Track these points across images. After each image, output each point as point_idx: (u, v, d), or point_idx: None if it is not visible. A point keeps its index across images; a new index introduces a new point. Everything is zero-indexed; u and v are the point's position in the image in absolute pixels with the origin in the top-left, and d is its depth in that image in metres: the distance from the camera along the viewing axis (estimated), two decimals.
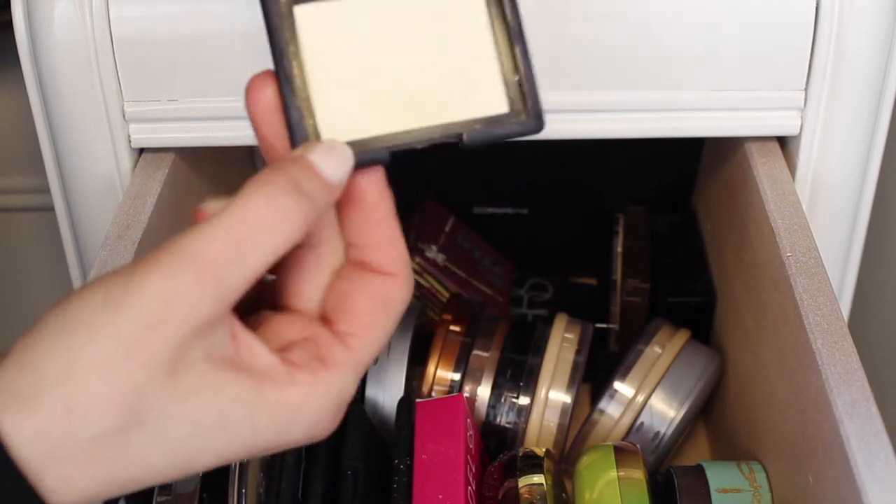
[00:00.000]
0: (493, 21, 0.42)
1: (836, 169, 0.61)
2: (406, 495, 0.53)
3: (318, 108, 0.40)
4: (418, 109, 0.41)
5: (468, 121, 0.42)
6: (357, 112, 0.41)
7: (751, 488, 0.56)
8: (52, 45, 0.56)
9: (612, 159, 0.79)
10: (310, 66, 0.40)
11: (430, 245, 0.78)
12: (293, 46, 0.40)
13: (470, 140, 0.42)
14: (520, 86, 0.42)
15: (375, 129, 0.41)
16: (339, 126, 0.40)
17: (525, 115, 0.42)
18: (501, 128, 0.42)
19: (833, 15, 0.57)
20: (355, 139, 0.40)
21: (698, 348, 0.67)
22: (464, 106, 0.42)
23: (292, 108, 0.40)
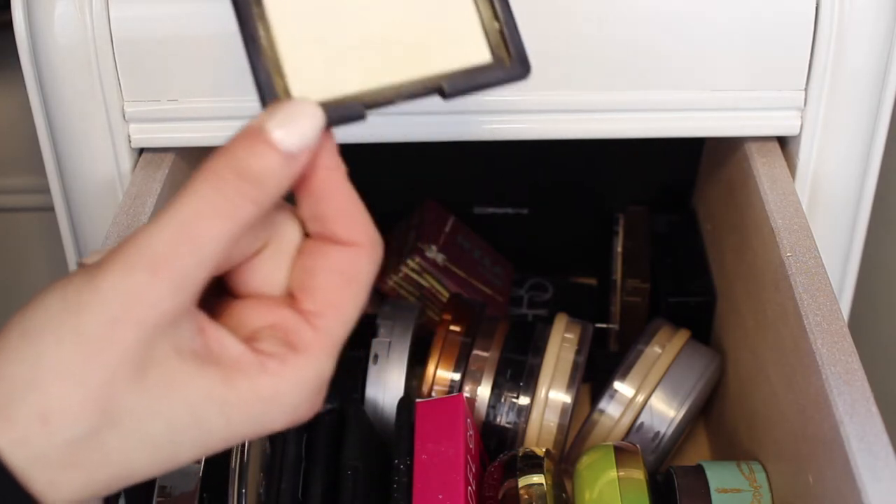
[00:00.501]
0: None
1: (836, 169, 0.61)
2: (406, 495, 0.53)
3: (287, 67, 0.38)
4: (396, 64, 0.39)
5: (450, 72, 0.40)
6: (330, 70, 0.39)
7: (751, 488, 0.56)
8: (52, 45, 0.56)
9: (612, 159, 0.79)
10: (277, 24, 0.38)
11: (430, 245, 0.78)
12: (258, 9, 0.38)
13: (451, 89, 0.39)
14: (501, 34, 0.40)
15: (351, 86, 0.39)
16: (312, 85, 0.38)
17: (508, 63, 0.40)
18: (483, 76, 0.40)
19: (833, 15, 0.57)
20: (329, 98, 0.38)
21: (698, 348, 0.67)
22: (444, 58, 0.40)
23: (259, 68, 0.38)
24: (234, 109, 0.58)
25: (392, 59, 0.39)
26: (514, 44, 0.40)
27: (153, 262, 0.34)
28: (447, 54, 0.40)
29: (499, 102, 0.58)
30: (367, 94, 0.38)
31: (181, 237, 0.34)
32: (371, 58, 0.39)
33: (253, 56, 0.38)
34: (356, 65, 0.39)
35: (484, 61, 0.40)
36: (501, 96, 0.58)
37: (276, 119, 0.36)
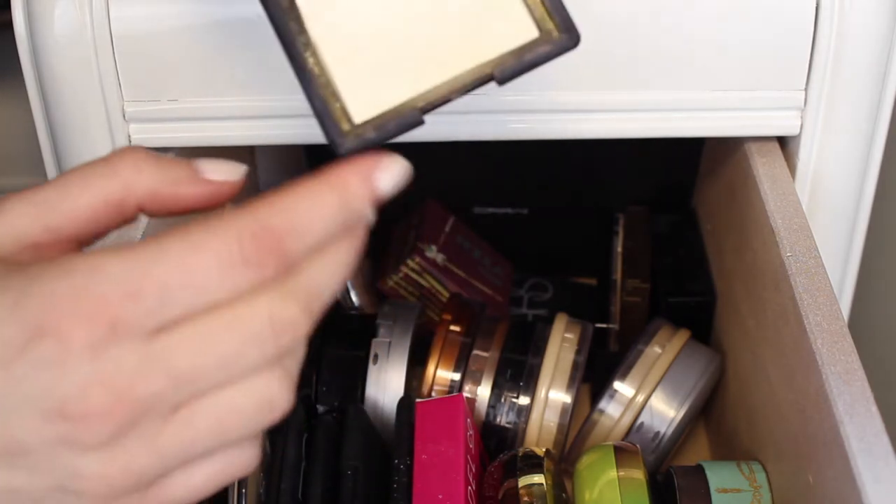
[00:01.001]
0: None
1: (836, 169, 0.61)
2: (406, 495, 0.53)
3: (341, 89, 0.39)
4: (444, 60, 0.40)
5: (498, 57, 0.40)
6: (381, 81, 0.39)
7: (751, 488, 0.56)
8: (52, 45, 0.56)
9: (612, 159, 0.79)
10: (324, 49, 0.39)
11: (430, 245, 0.78)
12: (303, 36, 0.39)
13: (502, 76, 0.40)
14: (544, 5, 0.40)
15: (404, 93, 0.39)
16: (367, 102, 0.39)
17: (556, 33, 0.40)
18: (532, 54, 0.40)
19: (833, 15, 0.57)
20: (386, 110, 0.39)
21: (698, 348, 0.67)
22: (491, 43, 0.40)
23: (314, 98, 0.39)
24: (234, 109, 0.58)
25: (439, 57, 0.39)
26: (558, 13, 0.40)
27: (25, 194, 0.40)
28: (493, 38, 0.40)
29: (499, 102, 0.58)
30: (420, 97, 0.39)
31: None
32: (418, 60, 0.39)
33: (306, 85, 0.39)
34: (405, 70, 0.39)
35: (531, 38, 0.40)
36: (501, 96, 0.58)
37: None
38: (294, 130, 0.58)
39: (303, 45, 0.39)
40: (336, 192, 0.37)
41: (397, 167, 0.38)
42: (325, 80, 0.39)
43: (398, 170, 0.38)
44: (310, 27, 0.39)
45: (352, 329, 0.66)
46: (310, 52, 0.39)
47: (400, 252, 0.78)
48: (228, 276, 0.35)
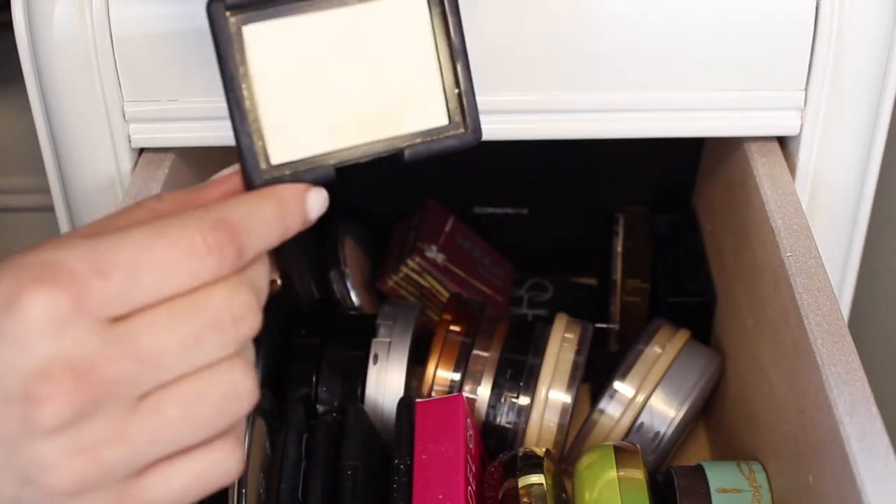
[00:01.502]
0: (437, 37, 0.44)
1: (836, 169, 0.61)
2: (406, 495, 0.53)
3: (266, 128, 0.41)
4: (364, 125, 0.43)
5: (410, 134, 0.44)
6: (305, 130, 0.42)
7: (751, 488, 0.56)
8: (52, 45, 0.56)
9: (612, 159, 0.79)
10: (258, 86, 0.41)
11: (430, 245, 0.78)
12: (242, 69, 0.41)
13: (411, 156, 0.44)
14: (459, 98, 0.44)
15: (323, 146, 0.42)
16: (287, 146, 0.42)
17: (464, 128, 0.44)
18: (440, 143, 0.44)
19: (833, 15, 0.57)
20: (302, 157, 0.42)
21: (698, 348, 0.67)
22: (407, 119, 0.44)
23: (242, 133, 0.41)
24: None
25: (360, 121, 0.43)
26: (470, 110, 0.44)
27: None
28: (411, 116, 0.44)
29: (499, 103, 0.58)
30: (334, 154, 0.42)
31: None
32: (342, 120, 0.42)
33: (237, 121, 0.41)
34: (329, 126, 0.42)
35: (441, 123, 0.44)
36: (501, 96, 0.58)
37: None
38: None
39: (241, 77, 0.41)
40: (275, 204, 0.40)
41: (322, 197, 0.41)
42: (253, 117, 0.41)
43: (322, 198, 0.41)
44: (250, 60, 0.41)
45: (352, 329, 0.66)
46: (245, 84, 0.41)
47: (400, 252, 0.78)
48: (192, 263, 0.36)
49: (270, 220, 0.39)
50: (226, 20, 0.41)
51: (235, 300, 0.37)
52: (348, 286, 0.75)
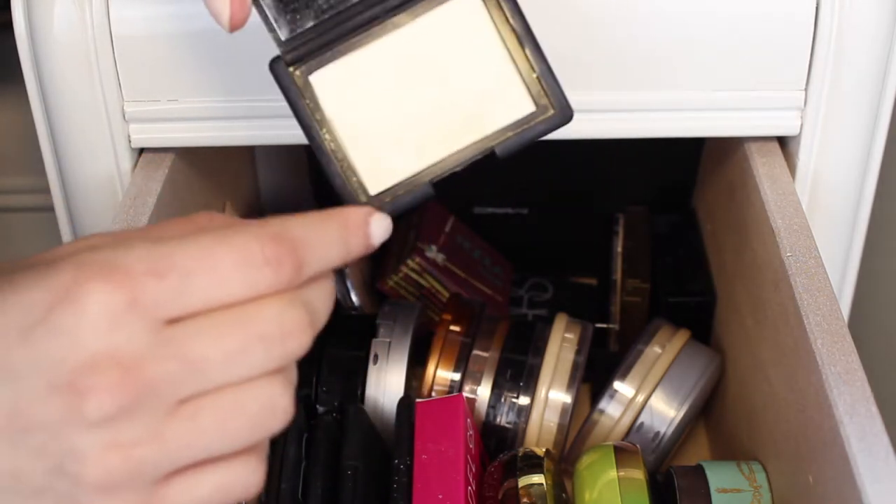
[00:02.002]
0: (499, 29, 0.44)
1: (836, 169, 0.61)
2: (406, 495, 0.53)
3: (357, 164, 0.42)
4: (450, 135, 0.43)
5: (499, 130, 0.44)
6: (394, 155, 0.43)
7: (751, 488, 0.56)
8: (52, 45, 0.56)
9: (612, 159, 0.79)
10: (338, 126, 0.42)
11: (430, 245, 0.78)
12: (318, 115, 0.42)
13: (502, 151, 0.44)
14: (539, 82, 0.44)
15: (415, 166, 0.43)
16: (381, 175, 0.43)
17: (551, 109, 0.44)
18: (531, 130, 0.44)
19: (833, 15, 0.57)
20: (398, 181, 0.43)
21: (698, 348, 0.67)
22: (492, 117, 0.44)
23: (334, 175, 0.42)
24: (234, 109, 0.58)
25: (446, 132, 0.43)
26: (553, 90, 0.44)
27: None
28: (495, 113, 0.44)
29: None
30: (428, 171, 0.43)
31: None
32: (426, 135, 0.43)
33: (326, 164, 0.42)
34: (413, 145, 0.43)
35: (528, 112, 0.44)
36: None
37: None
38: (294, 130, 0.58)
39: (318, 123, 0.42)
40: (339, 225, 0.39)
41: (386, 223, 0.41)
42: (341, 156, 0.42)
43: (386, 225, 0.41)
44: (324, 105, 0.42)
45: (352, 329, 0.66)
46: (325, 129, 0.42)
47: (400, 252, 0.78)
48: (248, 272, 0.36)
49: (333, 239, 0.39)
50: (289, 75, 0.42)
51: (286, 315, 0.37)
52: (348, 286, 0.75)
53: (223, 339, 0.36)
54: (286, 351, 0.37)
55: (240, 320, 0.36)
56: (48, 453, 0.35)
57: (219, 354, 0.36)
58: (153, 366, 0.35)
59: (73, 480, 0.35)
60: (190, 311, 0.36)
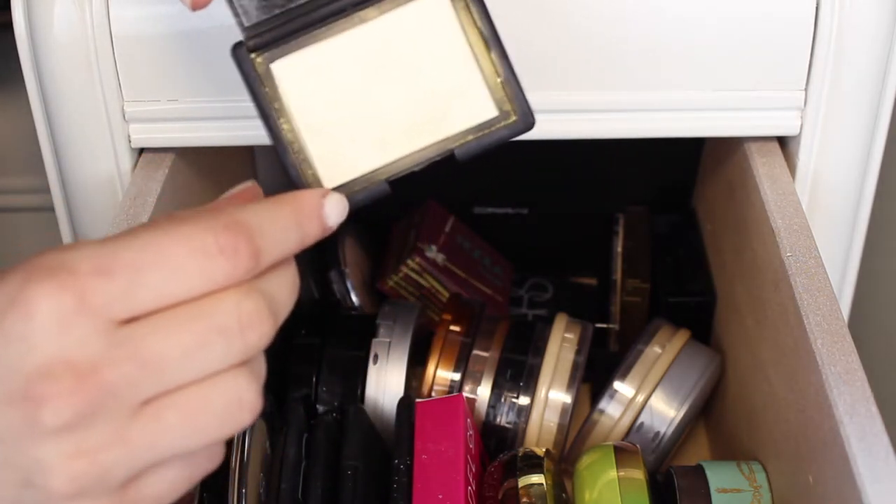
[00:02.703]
0: (466, 31, 0.43)
1: (836, 169, 0.61)
2: (406, 495, 0.53)
3: (314, 156, 0.42)
4: (410, 135, 0.43)
5: (460, 132, 0.43)
6: (352, 151, 0.42)
7: (751, 488, 0.56)
8: (52, 45, 0.56)
9: (612, 159, 0.79)
10: (297, 116, 0.42)
11: (430, 245, 0.78)
12: (277, 103, 0.42)
13: (462, 154, 0.43)
14: (503, 87, 0.43)
15: (373, 162, 0.42)
16: (337, 168, 0.42)
17: (514, 115, 0.43)
18: (491, 135, 0.43)
19: (833, 15, 0.57)
20: (354, 178, 0.42)
21: (698, 348, 0.67)
22: (454, 119, 0.43)
23: (289, 165, 0.41)
24: (234, 109, 0.58)
25: (406, 131, 0.43)
26: (516, 97, 0.43)
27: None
28: (457, 115, 0.43)
29: None
30: (385, 169, 0.42)
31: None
32: (386, 133, 0.42)
33: (281, 153, 0.41)
34: (372, 141, 0.42)
35: (490, 116, 0.43)
36: None
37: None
38: None
39: (276, 112, 0.41)
40: (293, 210, 0.38)
41: (341, 202, 0.40)
42: (297, 147, 0.42)
43: (342, 205, 0.40)
44: (284, 94, 0.42)
45: (352, 329, 0.66)
46: (283, 119, 0.42)
47: (400, 252, 0.78)
48: (202, 263, 0.35)
49: (287, 224, 0.38)
50: (251, 61, 0.42)
51: (244, 306, 0.35)
52: (348, 286, 0.75)
53: (179, 335, 0.35)
54: (247, 343, 0.36)
55: (196, 314, 0.35)
56: (13, 466, 0.35)
57: (176, 351, 0.35)
58: (109, 369, 0.34)
59: (41, 491, 0.35)
60: (142, 308, 0.35)
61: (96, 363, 0.34)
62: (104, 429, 0.35)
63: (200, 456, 0.38)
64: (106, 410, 0.34)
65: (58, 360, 0.34)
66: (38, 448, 0.34)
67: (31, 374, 0.34)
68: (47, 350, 0.34)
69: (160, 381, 0.35)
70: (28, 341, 0.34)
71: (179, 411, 0.35)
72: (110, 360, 0.34)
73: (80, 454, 0.34)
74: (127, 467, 0.35)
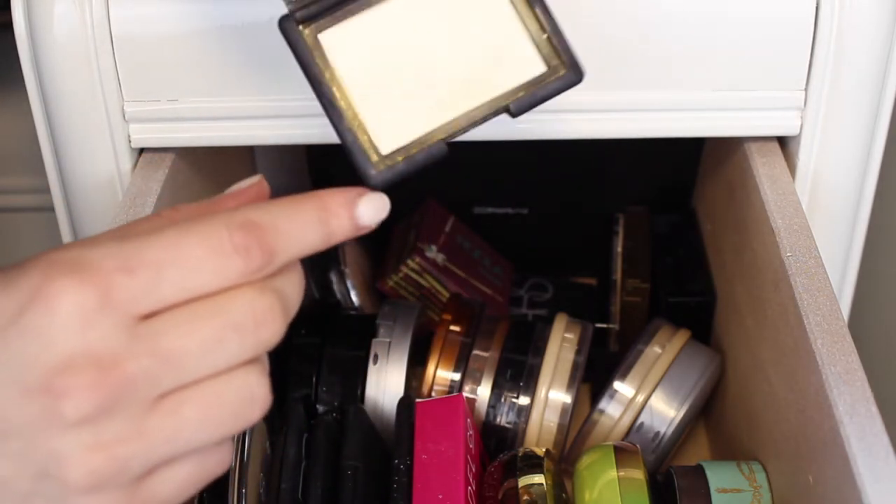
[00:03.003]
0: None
1: (836, 169, 0.61)
2: (406, 495, 0.53)
3: (368, 122, 0.42)
4: (462, 95, 0.43)
5: (512, 90, 0.44)
6: (405, 114, 0.42)
7: (751, 488, 0.56)
8: (52, 45, 0.56)
9: (612, 159, 0.79)
10: (349, 84, 0.42)
11: (430, 245, 0.78)
12: (328, 73, 0.42)
13: (517, 109, 0.43)
14: (550, 42, 0.44)
15: (426, 125, 0.43)
16: (393, 134, 0.42)
17: (563, 69, 0.44)
18: (543, 89, 0.44)
19: (833, 15, 0.57)
20: (410, 140, 0.42)
21: (698, 348, 0.67)
22: (503, 77, 0.44)
23: (344, 131, 0.41)
24: (234, 109, 0.58)
25: (457, 91, 0.43)
26: (564, 51, 0.44)
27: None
28: (506, 73, 0.44)
29: None
30: (441, 129, 0.43)
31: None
32: (438, 94, 0.43)
33: (335, 120, 0.42)
34: (426, 103, 0.43)
35: (539, 72, 0.44)
36: None
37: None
38: (294, 130, 0.58)
39: (329, 81, 0.42)
40: (315, 208, 0.39)
41: (380, 202, 0.40)
42: (352, 114, 0.42)
43: (380, 204, 0.40)
44: (333, 62, 0.42)
45: (352, 329, 0.66)
46: (335, 86, 0.42)
47: (400, 252, 0.78)
48: (218, 261, 0.36)
49: (308, 222, 0.38)
50: (299, 33, 0.42)
51: (258, 304, 0.36)
52: (348, 286, 0.75)
53: (197, 331, 0.36)
54: (259, 340, 0.37)
55: (212, 311, 0.36)
56: (31, 458, 0.35)
57: (194, 346, 0.36)
58: (129, 363, 0.35)
59: (58, 484, 0.35)
60: (162, 304, 0.35)
61: (117, 357, 0.34)
62: (123, 422, 0.35)
63: (212, 457, 0.38)
64: (125, 404, 0.35)
65: (79, 354, 0.34)
66: (57, 440, 0.35)
67: (51, 367, 0.34)
68: (69, 344, 0.34)
69: (178, 375, 0.36)
70: (49, 335, 0.34)
71: (196, 405, 0.36)
72: (131, 354, 0.35)
73: (98, 447, 0.35)
74: (144, 461, 0.36)
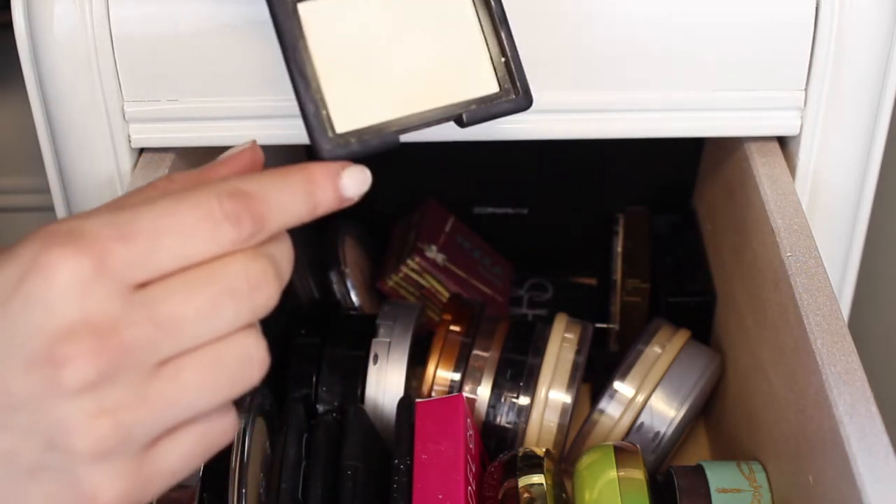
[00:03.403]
0: (478, 10, 0.46)
1: (836, 169, 0.61)
2: (406, 495, 0.53)
3: (328, 99, 0.43)
4: (420, 94, 0.45)
5: (465, 102, 0.46)
6: (365, 100, 0.44)
7: (751, 488, 0.56)
8: (52, 45, 0.56)
9: (612, 159, 0.79)
10: (318, 59, 0.43)
11: (430, 245, 0.78)
12: (301, 41, 0.42)
13: (469, 119, 0.46)
14: (507, 66, 0.46)
15: (384, 115, 0.44)
16: (350, 115, 0.43)
17: (515, 93, 0.47)
18: (495, 107, 0.46)
19: (833, 15, 0.57)
20: (365, 126, 0.43)
21: (698, 348, 0.67)
22: (460, 88, 0.45)
23: (307, 100, 0.42)
24: (234, 109, 0.58)
25: (416, 91, 0.45)
26: (519, 77, 0.47)
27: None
28: (463, 85, 0.46)
29: None
30: (397, 122, 0.44)
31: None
32: (399, 90, 0.44)
33: (300, 87, 0.42)
34: (386, 95, 0.44)
35: (492, 91, 0.46)
36: None
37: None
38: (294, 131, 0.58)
39: (302, 49, 0.42)
40: (302, 179, 0.40)
41: (362, 175, 0.41)
42: (316, 86, 0.42)
43: (361, 177, 0.41)
44: (308, 35, 0.43)
45: (352, 329, 0.66)
46: (306, 57, 0.42)
47: (400, 252, 0.78)
48: (210, 228, 0.37)
49: (295, 192, 0.39)
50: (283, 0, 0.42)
51: (251, 268, 0.37)
52: (348, 286, 0.75)
53: (193, 297, 0.36)
54: (255, 304, 0.38)
55: (207, 277, 0.37)
56: (37, 430, 0.35)
57: (191, 312, 0.36)
58: (128, 329, 0.35)
59: (65, 453, 0.36)
60: (158, 272, 0.36)
61: (116, 324, 0.35)
62: (125, 388, 0.36)
63: (215, 427, 0.39)
64: (126, 370, 0.35)
65: (78, 322, 0.35)
66: (61, 409, 0.35)
67: (51, 335, 0.34)
68: (68, 312, 0.35)
69: (176, 341, 0.36)
70: (48, 304, 0.35)
71: (195, 370, 0.37)
72: (129, 321, 0.35)
73: (102, 413, 0.35)
74: (147, 427, 0.36)
